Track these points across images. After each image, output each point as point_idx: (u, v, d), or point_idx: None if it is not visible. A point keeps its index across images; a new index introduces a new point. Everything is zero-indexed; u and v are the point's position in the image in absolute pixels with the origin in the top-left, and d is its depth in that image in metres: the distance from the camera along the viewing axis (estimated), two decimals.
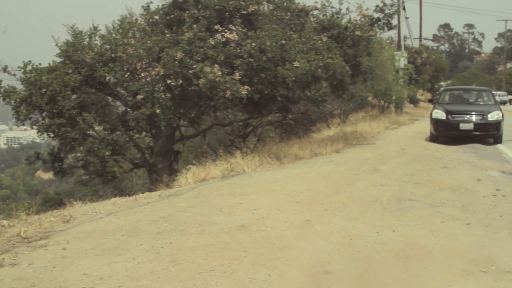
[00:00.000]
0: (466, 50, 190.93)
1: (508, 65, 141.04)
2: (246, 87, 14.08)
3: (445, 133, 19.88)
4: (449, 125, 19.58)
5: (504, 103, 24.79)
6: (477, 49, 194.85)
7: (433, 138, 20.33)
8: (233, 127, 23.12)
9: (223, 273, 5.82)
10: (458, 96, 22.75)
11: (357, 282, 5.77)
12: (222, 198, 9.50)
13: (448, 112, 19.83)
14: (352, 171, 12.49)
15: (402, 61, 36.06)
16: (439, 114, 19.95)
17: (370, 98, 33.92)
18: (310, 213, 8.34)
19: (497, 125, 19.47)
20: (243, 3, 14.84)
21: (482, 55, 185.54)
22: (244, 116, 19.87)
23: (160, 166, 16.74)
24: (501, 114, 19.69)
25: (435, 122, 20.02)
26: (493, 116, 19.46)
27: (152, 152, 17.88)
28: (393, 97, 33.44)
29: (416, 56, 46.69)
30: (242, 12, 14.89)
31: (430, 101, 27.19)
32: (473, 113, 19.64)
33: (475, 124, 19.31)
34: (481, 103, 21.77)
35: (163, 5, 15.55)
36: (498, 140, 19.73)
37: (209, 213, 8.33)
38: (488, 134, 19.58)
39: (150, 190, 13.29)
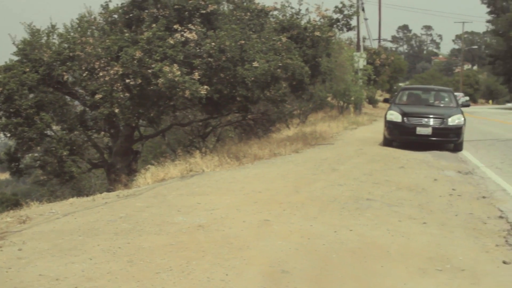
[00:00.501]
0: (424, 52, 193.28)
1: (465, 67, 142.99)
2: (205, 87, 14.07)
3: (400, 138, 18.01)
4: (405, 129, 17.64)
5: (467, 105, 21.61)
6: (435, 50, 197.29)
7: (387, 142, 18.45)
8: (193, 127, 23.08)
9: (181, 273, 5.81)
10: (416, 97, 20.64)
11: (314, 281, 5.81)
12: (181, 198, 9.48)
13: (404, 114, 17.75)
14: (311, 171, 12.55)
15: (361, 62, 36.34)
16: (394, 116, 17.87)
17: (329, 99, 34.15)
18: (269, 212, 8.36)
19: (457, 130, 17.54)
20: (203, 3, 14.83)
21: (440, 56, 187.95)
22: (203, 116, 19.85)
23: (118, 166, 16.63)
24: (462, 119, 17.74)
25: (389, 124, 18.01)
26: (453, 120, 17.55)
27: (110, 152, 17.75)
28: (352, 98, 33.71)
29: (375, 57, 47.09)
30: (202, 11, 14.88)
31: (386, 100, 23.39)
32: (432, 116, 17.62)
33: (434, 128, 17.39)
34: (442, 105, 19.59)
35: (122, 4, 15.48)
36: (458, 147, 17.89)
37: (168, 213, 8.31)
38: (448, 140, 17.70)
39: (109, 190, 13.20)
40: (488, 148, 18.60)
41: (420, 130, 17.44)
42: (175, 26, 14.46)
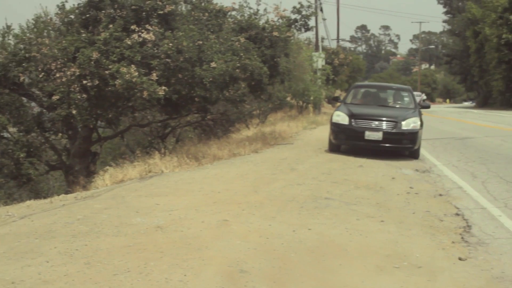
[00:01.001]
0: (383, 51, 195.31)
1: (423, 66, 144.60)
2: (163, 87, 14.01)
3: (347, 143, 16.01)
4: (352, 133, 15.58)
5: (427, 106, 19.12)
6: (393, 50, 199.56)
7: (333, 147, 16.44)
8: (152, 128, 22.95)
9: (139, 274, 5.78)
10: (370, 96, 18.34)
11: (273, 280, 5.83)
12: (140, 199, 9.43)
13: (352, 116, 15.70)
14: (270, 170, 12.58)
15: (319, 61, 36.54)
16: (341, 117, 15.82)
17: (288, 99, 34.25)
18: (228, 213, 8.36)
19: (412, 135, 15.53)
20: (160, 3, 14.76)
21: (398, 56, 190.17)
22: (162, 117, 19.76)
23: (77, 168, 16.46)
24: (419, 122, 15.78)
25: (335, 127, 15.92)
26: (408, 124, 15.56)
27: (68, 154, 17.56)
28: (311, 98, 33.84)
29: (333, 57, 47.41)
30: (159, 12, 14.80)
31: (335, 99, 19.90)
32: (384, 119, 15.54)
33: (385, 133, 15.32)
34: (398, 106, 17.60)
35: (78, 4, 15.30)
36: (414, 154, 16.02)
37: (126, 214, 8.26)
38: (401, 147, 15.67)
39: (67, 193, 13.06)
40: (445, 147, 18.83)
41: (369, 135, 15.32)
42: (133, 27, 14.36)
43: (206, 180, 11.33)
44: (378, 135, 15.30)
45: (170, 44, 14.19)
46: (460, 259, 6.91)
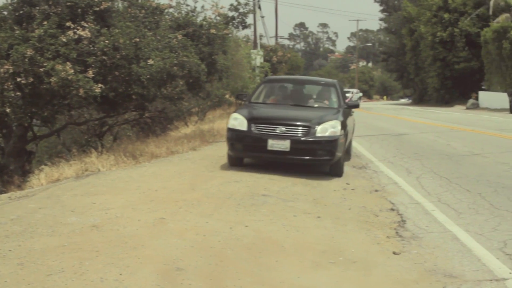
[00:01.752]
0: (321, 49, 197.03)
1: (361, 64, 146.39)
2: (100, 85, 13.87)
3: (245, 154, 12.59)
4: (252, 141, 12.06)
5: (355, 105, 14.39)
6: (331, 48, 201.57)
7: (232, 161, 12.81)
8: (89, 126, 22.67)
9: (74, 274, 5.71)
10: (284, 92, 14.74)
11: (209, 278, 5.83)
12: (75, 198, 9.31)
13: (252, 119, 12.11)
14: (207, 168, 12.57)
15: (258, 59, 36.67)
16: (238, 121, 12.22)
17: (227, 96, 34.27)
18: (164, 211, 8.33)
19: (330, 144, 11.87)
20: (96, 0, 14.60)
21: (336, 53, 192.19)
22: (99, 114, 19.55)
23: (12, 168, 16.16)
24: (339, 127, 12.02)
25: (231, 134, 12.31)
26: (324, 129, 11.90)
27: (3, 153, 17.23)
28: None
29: (272, 54, 47.68)
30: (95, 9, 14.63)
31: (238, 97, 16.94)
32: (293, 123, 12.00)
33: (294, 141, 11.71)
34: (317, 105, 13.97)
35: (11, 0, 15.03)
36: (336, 170, 12.38)
37: (61, 214, 8.15)
38: (316, 159, 12.03)
39: (1, 192, 12.82)
40: (381, 143, 19.10)
41: (273, 144, 11.72)
42: (68, 24, 14.16)
43: (143, 178, 11.26)
44: (284, 145, 11.66)
45: (107, 41, 14.05)
46: (394, 253, 7.03)
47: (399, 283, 6.12)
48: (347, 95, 17.31)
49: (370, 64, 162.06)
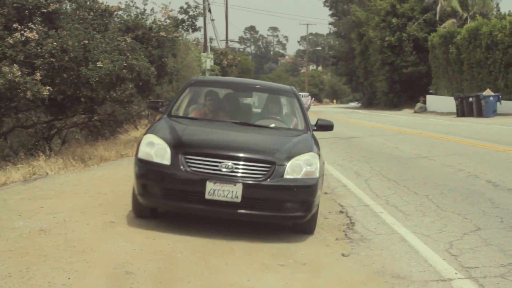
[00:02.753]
0: (271, 52, 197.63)
1: (311, 67, 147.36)
2: (48, 87, 13.71)
3: (168, 204, 7.72)
4: (180, 185, 7.51)
5: (328, 126, 9.06)
6: (282, 51, 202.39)
7: (140, 211, 8.12)
8: (37, 129, 22.32)
9: (21, 279, 5.63)
10: (221, 103, 9.84)
11: (159, 281, 5.80)
12: (23, 202, 9.17)
13: (179, 147, 7.65)
14: None
15: (208, 62, 36.66)
16: (155, 149, 7.70)
17: None
18: (114, 214, 8.26)
19: (306, 192, 7.63)
20: (44, 1, 14.45)
21: (286, 57, 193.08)
22: (47, 117, 19.30)
23: None
24: (317, 165, 7.80)
25: (144, 170, 7.73)
26: (297, 168, 7.63)
27: None
28: None
29: (222, 58, 47.68)
30: (43, 10, 14.48)
31: (151, 106, 10.06)
32: (248, 155, 7.57)
33: (248, 187, 7.34)
34: (273, 124, 9.29)
35: None
36: (306, 227, 8.05)
37: (8, 218, 8.01)
38: (282, 216, 7.68)
39: None
40: (331, 146, 19.22)
41: (214, 191, 7.28)
42: (15, 25, 13.97)
43: (92, 182, 11.16)
44: (233, 192, 7.25)
45: (55, 43, 13.90)
46: (343, 255, 7.10)
47: (347, 284, 6.18)
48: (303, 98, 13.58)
49: (320, 68, 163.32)
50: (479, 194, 10.75)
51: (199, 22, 21.40)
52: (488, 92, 38.70)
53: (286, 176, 7.45)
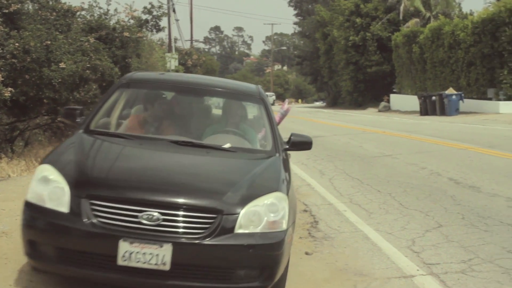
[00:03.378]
0: (236, 52, 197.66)
1: (276, 67, 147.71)
2: (9, 89, 13.53)
3: (65, 269, 5.06)
4: (81, 244, 4.96)
5: (306, 143, 6.34)
6: (247, 51, 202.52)
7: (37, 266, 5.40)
8: None
9: None
10: (161, 110, 7.15)
11: None
12: None
13: (82, 186, 5.10)
14: None
15: (172, 62, 36.54)
16: (49, 190, 5.14)
17: None
18: None
19: (268, 255, 5.14)
20: (5, 2, 14.26)
21: (251, 57, 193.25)
22: (10, 119, 19.09)
23: None
24: (285, 210, 5.28)
25: (31, 220, 5.23)
26: (255, 217, 5.14)
27: None
28: None
29: (187, 58, 47.52)
30: (4, 11, 14.29)
31: (68, 115, 7.08)
32: (178, 200, 5.04)
33: (181, 250, 4.89)
34: (228, 144, 6.45)
35: None
36: None
37: None
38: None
39: None
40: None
41: (130, 254, 4.88)
42: None
43: None
44: (158, 256, 4.92)
45: (16, 44, 13.73)
46: (306, 253, 7.15)
47: (311, 282, 6.22)
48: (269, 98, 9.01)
49: (285, 68, 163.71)
50: (441, 192, 10.89)
51: (163, 22, 21.43)
52: (450, 90, 39.13)
53: (239, 230, 5.02)
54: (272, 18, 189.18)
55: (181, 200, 5.02)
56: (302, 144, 7.06)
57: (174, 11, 39.47)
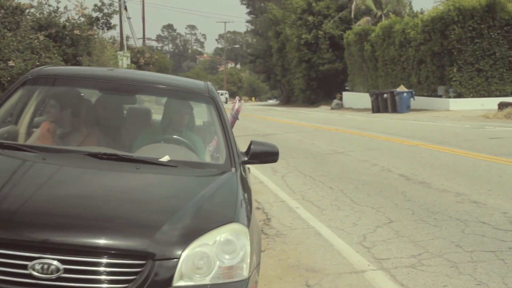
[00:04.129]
0: (189, 51, 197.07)
1: (229, 65, 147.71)
2: None
3: None
4: None
5: (272, 154, 4.99)
6: (200, 49, 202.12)
7: None
8: None
9: None
10: (79, 114, 5.49)
11: None
12: None
13: None
14: None
15: (124, 60, 36.29)
16: None
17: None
18: None
19: None
20: None
21: (205, 55, 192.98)
22: None
23: None
24: (246, 249, 3.67)
25: None
26: (204, 260, 3.51)
27: None
28: None
29: (139, 56, 47.23)
30: None
31: None
32: (86, 242, 3.33)
33: None
34: (166, 156, 4.70)
35: None
36: None
37: None
38: None
39: None
40: (246, 144, 19.27)
41: None
42: None
43: None
44: None
45: None
46: None
47: (263, 279, 6.22)
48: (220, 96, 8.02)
49: (238, 66, 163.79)
50: (392, 188, 11.00)
51: (115, 20, 21.23)
52: (401, 88, 39.59)
53: (179, 282, 3.45)
54: (225, 16, 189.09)
55: (90, 241, 3.36)
56: (265, 155, 5.41)
57: (125, 9, 39.19)
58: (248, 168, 6.27)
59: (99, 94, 5.78)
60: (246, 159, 5.26)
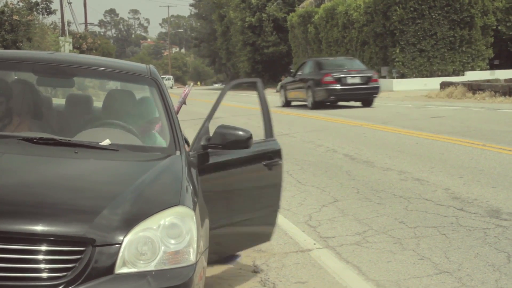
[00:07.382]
0: (133, 36, 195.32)
1: (173, 50, 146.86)
2: None
3: None
4: None
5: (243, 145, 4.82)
6: (144, 34, 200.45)
7: None
8: None
9: None
10: (14, 96, 4.98)
11: None
12: None
13: None
14: None
15: (66, 46, 35.86)
16: None
17: None
18: None
19: None
20: None
21: (149, 40, 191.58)
22: None
23: None
24: (194, 231, 3.54)
25: None
26: (148, 246, 3.35)
27: None
28: None
29: (81, 42, 46.64)
30: None
31: None
32: (18, 228, 3.16)
33: None
34: (107, 140, 4.40)
35: None
36: None
37: None
38: None
39: None
40: (194, 127, 19.05)
41: None
42: None
43: None
44: None
45: None
46: None
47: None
48: (166, 81, 6.76)
49: (183, 50, 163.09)
50: (337, 168, 11.11)
51: (55, 5, 20.90)
52: None
53: (122, 269, 3.29)
54: (169, 0, 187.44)
55: (26, 227, 3.19)
56: (233, 141, 4.88)
57: None
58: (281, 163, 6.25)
59: (34, 76, 5.32)
60: (206, 143, 4.93)
